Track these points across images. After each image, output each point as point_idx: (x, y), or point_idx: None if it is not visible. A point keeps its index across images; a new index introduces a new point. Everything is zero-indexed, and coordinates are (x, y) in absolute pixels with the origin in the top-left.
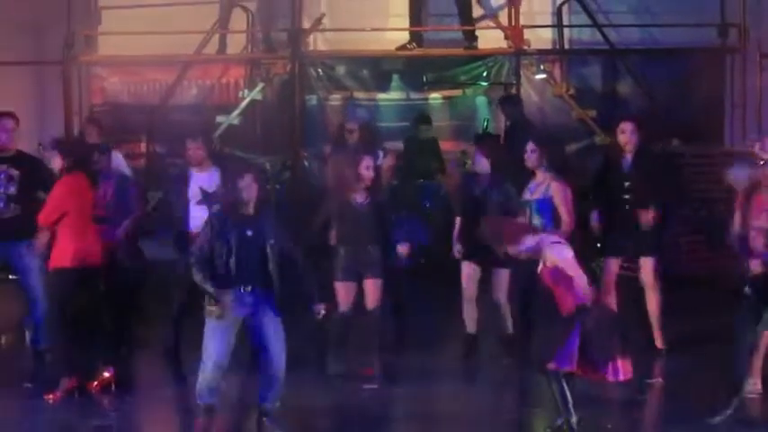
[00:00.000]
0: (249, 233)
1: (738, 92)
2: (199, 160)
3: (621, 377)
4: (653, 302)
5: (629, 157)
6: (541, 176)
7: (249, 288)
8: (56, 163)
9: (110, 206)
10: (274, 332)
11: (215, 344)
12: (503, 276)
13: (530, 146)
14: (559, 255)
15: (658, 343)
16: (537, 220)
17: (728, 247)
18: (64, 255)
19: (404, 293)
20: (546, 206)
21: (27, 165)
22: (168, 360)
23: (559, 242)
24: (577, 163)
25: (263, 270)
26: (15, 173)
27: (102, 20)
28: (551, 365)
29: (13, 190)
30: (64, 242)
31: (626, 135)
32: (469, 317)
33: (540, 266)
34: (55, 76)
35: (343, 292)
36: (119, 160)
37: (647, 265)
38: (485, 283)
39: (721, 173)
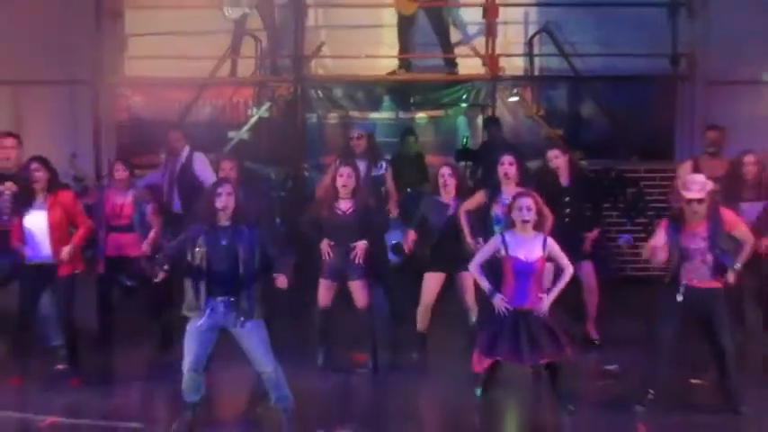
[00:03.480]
0: (223, 243)
1: (688, 115)
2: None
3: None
4: (591, 301)
5: (565, 177)
6: (513, 190)
7: (222, 298)
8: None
9: (133, 218)
10: (255, 338)
11: (191, 348)
12: (468, 279)
13: (508, 158)
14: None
15: (593, 334)
16: (496, 227)
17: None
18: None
19: (394, 290)
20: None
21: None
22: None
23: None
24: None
25: (238, 279)
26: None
27: (128, 46)
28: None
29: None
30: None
31: (556, 161)
32: (424, 319)
33: (524, 256)
34: (85, 95)
35: (324, 289)
36: (201, 166)
37: (585, 269)
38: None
39: (671, 186)
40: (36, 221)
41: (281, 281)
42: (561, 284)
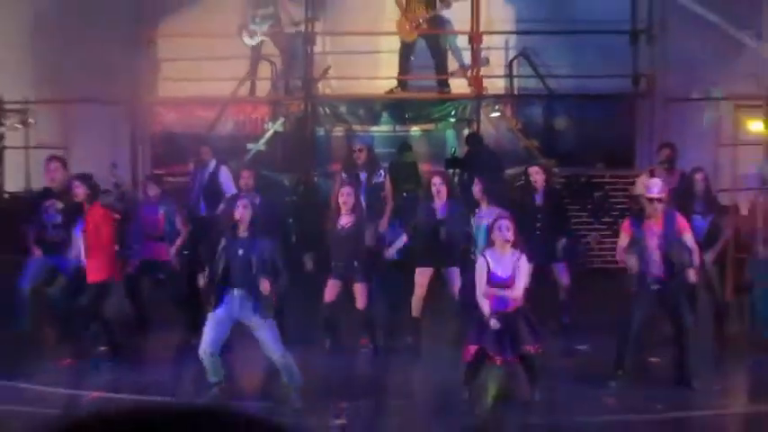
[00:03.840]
0: (240, 253)
1: (647, 127)
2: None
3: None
4: (564, 295)
5: (540, 191)
6: (486, 207)
7: (237, 291)
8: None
9: (165, 228)
10: (266, 329)
11: (208, 333)
12: (455, 274)
13: (476, 181)
14: (525, 267)
15: (566, 320)
16: (482, 239)
17: None
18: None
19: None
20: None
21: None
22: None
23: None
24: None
25: (251, 277)
26: (60, 205)
27: (161, 69)
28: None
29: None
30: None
31: (535, 176)
32: (417, 307)
33: (502, 273)
34: (124, 113)
35: (330, 287)
36: (225, 177)
37: (559, 269)
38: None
39: (632, 189)
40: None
41: (265, 285)
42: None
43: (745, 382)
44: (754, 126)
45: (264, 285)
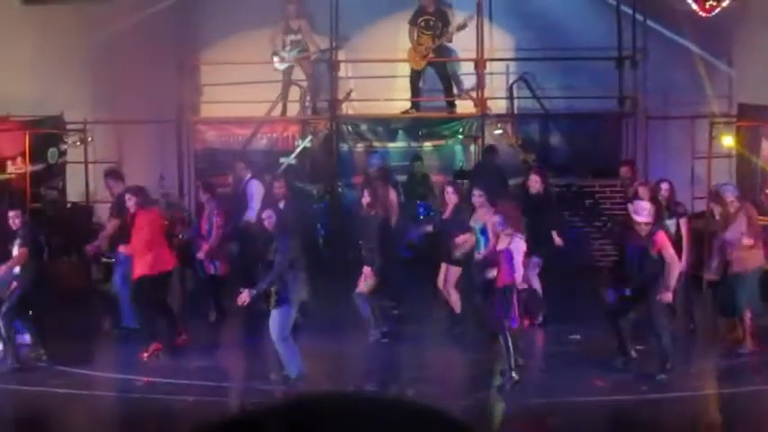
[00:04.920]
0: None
1: (631, 142)
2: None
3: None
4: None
5: (533, 193)
6: (481, 211)
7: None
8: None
9: (206, 228)
10: (275, 314)
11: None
12: (453, 271)
13: (476, 191)
14: (517, 246)
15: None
16: (480, 237)
17: None
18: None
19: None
20: (485, 231)
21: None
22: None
23: (521, 237)
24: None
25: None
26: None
27: (203, 92)
28: (502, 320)
29: None
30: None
31: (535, 185)
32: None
33: (499, 247)
34: (171, 131)
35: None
36: (254, 188)
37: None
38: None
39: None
40: None
41: (242, 297)
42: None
43: (716, 367)
44: (726, 141)
45: (242, 297)
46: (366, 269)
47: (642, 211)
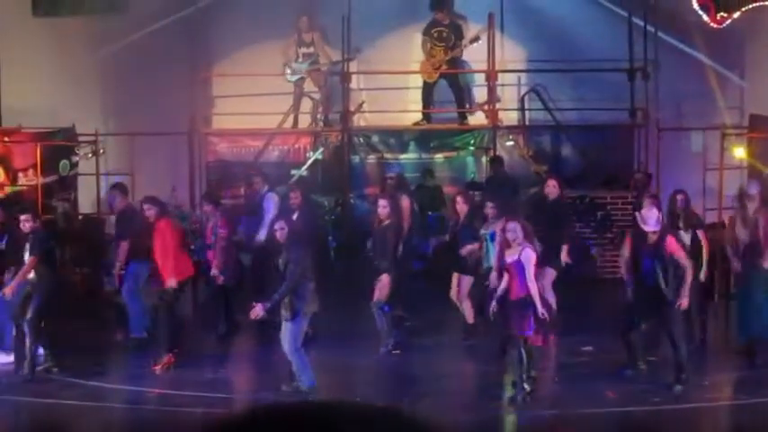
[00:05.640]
0: (282, 261)
1: (642, 155)
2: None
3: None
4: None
5: (550, 200)
6: (493, 222)
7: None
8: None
9: (212, 239)
10: (288, 326)
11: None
12: (466, 281)
13: (489, 203)
14: (528, 255)
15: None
16: (490, 244)
17: None
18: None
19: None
20: (494, 236)
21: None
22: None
23: (531, 248)
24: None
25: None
26: None
27: (215, 104)
28: (517, 333)
29: None
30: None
31: (553, 190)
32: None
33: (510, 259)
34: (183, 143)
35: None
36: (270, 202)
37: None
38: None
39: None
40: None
41: (255, 311)
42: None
43: (728, 379)
44: (738, 152)
45: (255, 311)
46: (384, 277)
47: (650, 220)
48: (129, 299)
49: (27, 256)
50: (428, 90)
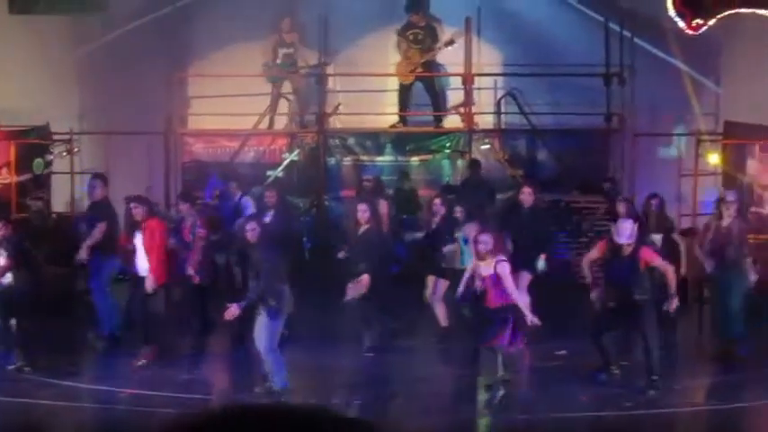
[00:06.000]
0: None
1: (618, 160)
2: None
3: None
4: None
5: (526, 208)
6: (468, 226)
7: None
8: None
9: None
10: (264, 324)
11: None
12: (441, 284)
13: (458, 207)
14: (503, 269)
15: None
16: (464, 246)
17: None
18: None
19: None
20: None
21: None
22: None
23: (505, 260)
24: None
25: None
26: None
27: (191, 105)
28: (494, 343)
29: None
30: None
31: (528, 196)
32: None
33: (485, 272)
34: (159, 143)
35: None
36: (247, 204)
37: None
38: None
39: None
40: (138, 244)
41: (230, 311)
42: None
43: (701, 384)
44: (713, 159)
45: (230, 312)
46: (365, 277)
47: (624, 232)
48: (97, 296)
49: (2, 261)
50: (404, 92)
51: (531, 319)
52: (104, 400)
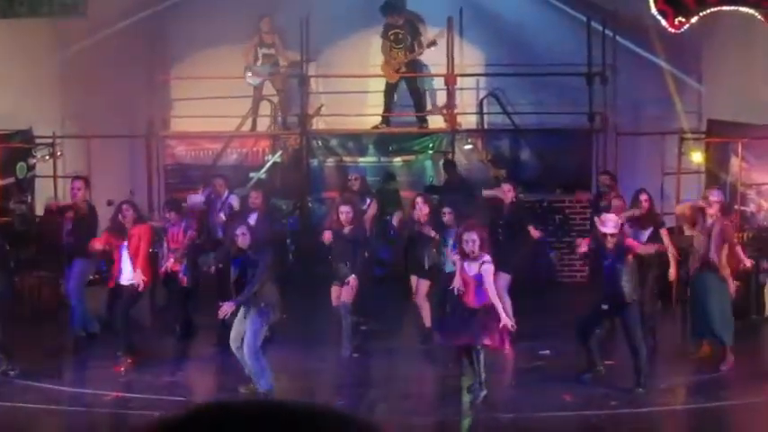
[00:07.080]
0: (242, 264)
1: (601, 158)
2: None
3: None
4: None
5: (506, 206)
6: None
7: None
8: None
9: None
10: (249, 324)
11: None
12: (423, 284)
13: (446, 209)
14: (487, 269)
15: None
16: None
17: None
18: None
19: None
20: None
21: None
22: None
23: (490, 262)
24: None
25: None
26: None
27: (173, 107)
28: (474, 341)
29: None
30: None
31: (508, 193)
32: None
33: (469, 271)
34: (141, 146)
35: (333, 292)
36: (232, 200)
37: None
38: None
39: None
40: (123, 251)
41: (223, 309)
42: None
43: (686, 383)
44: (696, 157)
45: (223, 309)
46: (352, 279)
47: (608, 222)
48: (73, 297)
49: None
50: (390, 91)
51: (508, 323)
52: (87, 404)
